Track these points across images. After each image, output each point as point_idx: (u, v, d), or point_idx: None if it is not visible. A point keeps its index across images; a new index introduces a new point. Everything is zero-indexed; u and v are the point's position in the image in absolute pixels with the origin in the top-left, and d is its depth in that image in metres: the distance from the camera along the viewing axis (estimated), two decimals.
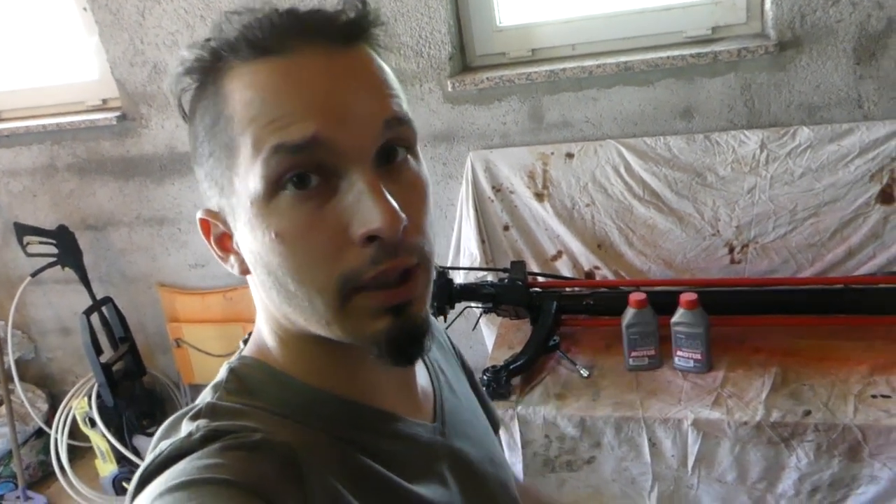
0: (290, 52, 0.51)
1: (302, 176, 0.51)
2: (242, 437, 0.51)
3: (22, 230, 2.46)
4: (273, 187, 0.51)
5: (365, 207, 0.50)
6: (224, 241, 0.59)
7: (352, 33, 0.54)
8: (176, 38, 2.19)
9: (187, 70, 0.55)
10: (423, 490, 0.60)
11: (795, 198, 1.88)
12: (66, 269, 2.49)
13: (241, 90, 0.52)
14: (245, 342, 0.64)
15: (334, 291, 0.52)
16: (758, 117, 1.90)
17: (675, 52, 1.87)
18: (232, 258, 0.59)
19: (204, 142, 0.55)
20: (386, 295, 0.53)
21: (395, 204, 0.50)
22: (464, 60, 2.13)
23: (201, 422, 0.53)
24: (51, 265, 2.48)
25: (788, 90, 1.86)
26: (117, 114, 2.32)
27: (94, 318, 2.43)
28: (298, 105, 0.50)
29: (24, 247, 2.45)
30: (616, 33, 2.00)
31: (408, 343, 0.55)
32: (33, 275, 2.51)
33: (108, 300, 2.48)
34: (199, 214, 0.59)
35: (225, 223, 0.57)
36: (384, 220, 0.50)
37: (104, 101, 2.42)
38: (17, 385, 2.62)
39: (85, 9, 2.25)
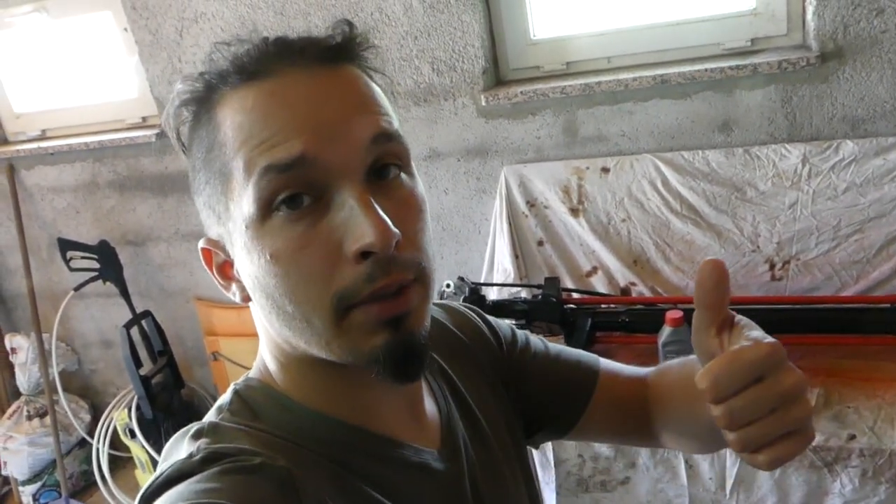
0: (276, 74, 0.53)
1: (293, 196, 0.51)
2: (242, 460, 0.51)
3: (65, 245, 2.52)
4: (266, 209, 0.51)
5: (356, 223, 0.50)
6: (225, 270, 0.59)
7: (337, 55, 0.55)
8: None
9: (183, 103, 0.57)
10: None
11: (839, 213, 1.82)
12: (108, 283, 2.55)
13: (232, 116, 0.53)
14: None
15: (330, 309, 0.52)
16: (799, 130, 1.85)
17: (713, 65, 1.83)
18: (234, 286, 0.59)
19: (200, 171, 0.56)
20: (381, 307, 0.52)
21: (386, 218, 0.50)
22: (497, 74, 2.12)
23: (202, 442, 0.53)
24: (93, 279, 2.54)
25: (831, 102, 1.80)
26: (156, 131, 2.36)
27: (134, 331, 2.47)
28: (284, 125, 0.51)
29: (67, 262, 2.51)
30: (652, 46, 1.97)
31: (406, 358, 0.54)
32: (76, 289, 2.57)
33: (147, 314, 2.52)
34: (200, 244, 0.60)
35: (225, 251, 0.58)
36: (376, 234, 0.49)
37: (143, 118, 2.47)
38: (62, 396, 2.68)
39: (125, 29, 2.30)
